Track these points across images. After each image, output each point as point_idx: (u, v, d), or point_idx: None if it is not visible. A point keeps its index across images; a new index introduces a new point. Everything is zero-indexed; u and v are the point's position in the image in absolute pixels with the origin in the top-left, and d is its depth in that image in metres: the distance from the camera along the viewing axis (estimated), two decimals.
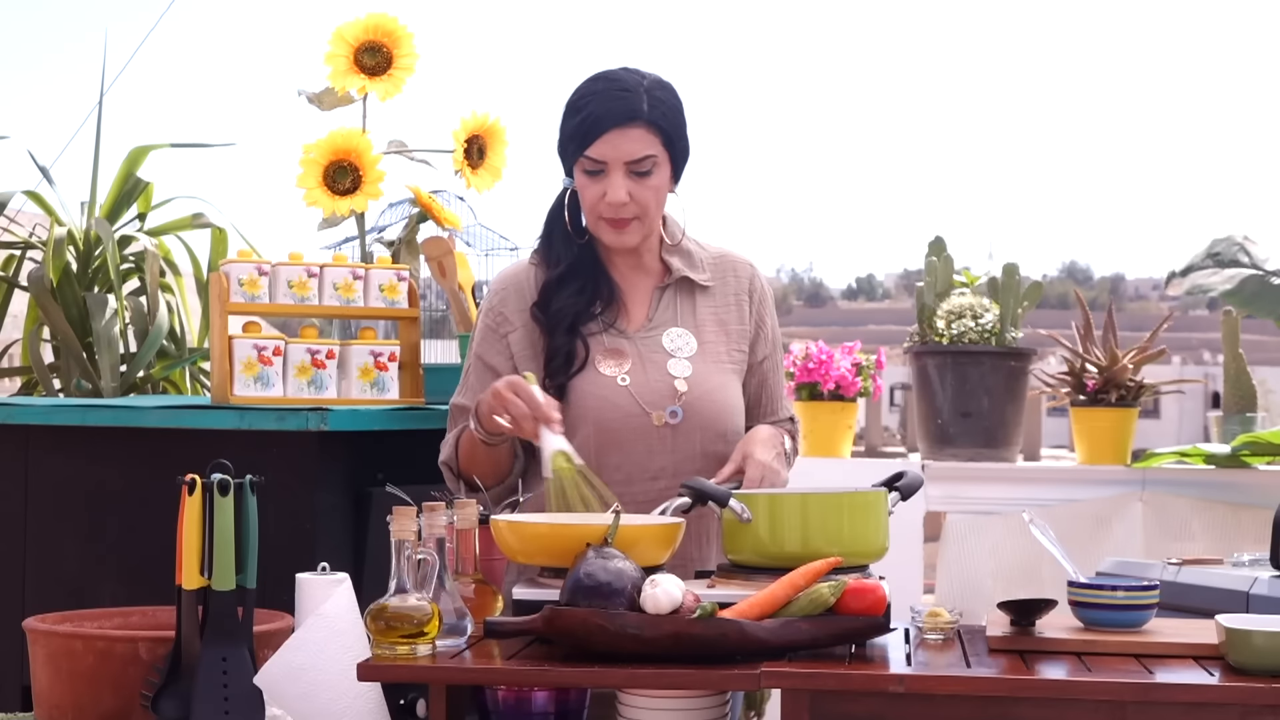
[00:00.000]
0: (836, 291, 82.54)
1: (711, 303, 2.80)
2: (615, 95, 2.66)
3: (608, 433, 2.65)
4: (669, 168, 2.71)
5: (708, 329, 2.77)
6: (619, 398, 2.68)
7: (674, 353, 2.73)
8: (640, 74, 2.71)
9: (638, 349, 2.73)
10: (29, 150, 4.76)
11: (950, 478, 4.62)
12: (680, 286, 2.79)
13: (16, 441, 3.03)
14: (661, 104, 2.68)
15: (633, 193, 2.67)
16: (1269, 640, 2.06)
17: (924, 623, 2.30)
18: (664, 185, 2.71)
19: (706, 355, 2.75)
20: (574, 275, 2.75)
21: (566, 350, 2.71)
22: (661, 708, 2.19)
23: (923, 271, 4.91)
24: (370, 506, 2.85)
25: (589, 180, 2.68)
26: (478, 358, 2.77)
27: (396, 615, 2.14)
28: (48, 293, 4.36)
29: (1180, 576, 3.22)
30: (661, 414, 2.68)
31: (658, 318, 2.77)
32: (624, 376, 2.70)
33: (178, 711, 2.20)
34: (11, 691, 2.96)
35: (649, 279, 2.80)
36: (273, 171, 10.89)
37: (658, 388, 2.70)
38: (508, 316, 2.76)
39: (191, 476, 2.22)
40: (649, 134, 2.66)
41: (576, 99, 2.69)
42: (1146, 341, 4.62)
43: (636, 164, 2.66)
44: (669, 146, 2.69)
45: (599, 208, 2.69)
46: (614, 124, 2.65)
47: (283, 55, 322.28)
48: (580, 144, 2.67)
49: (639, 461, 2.65)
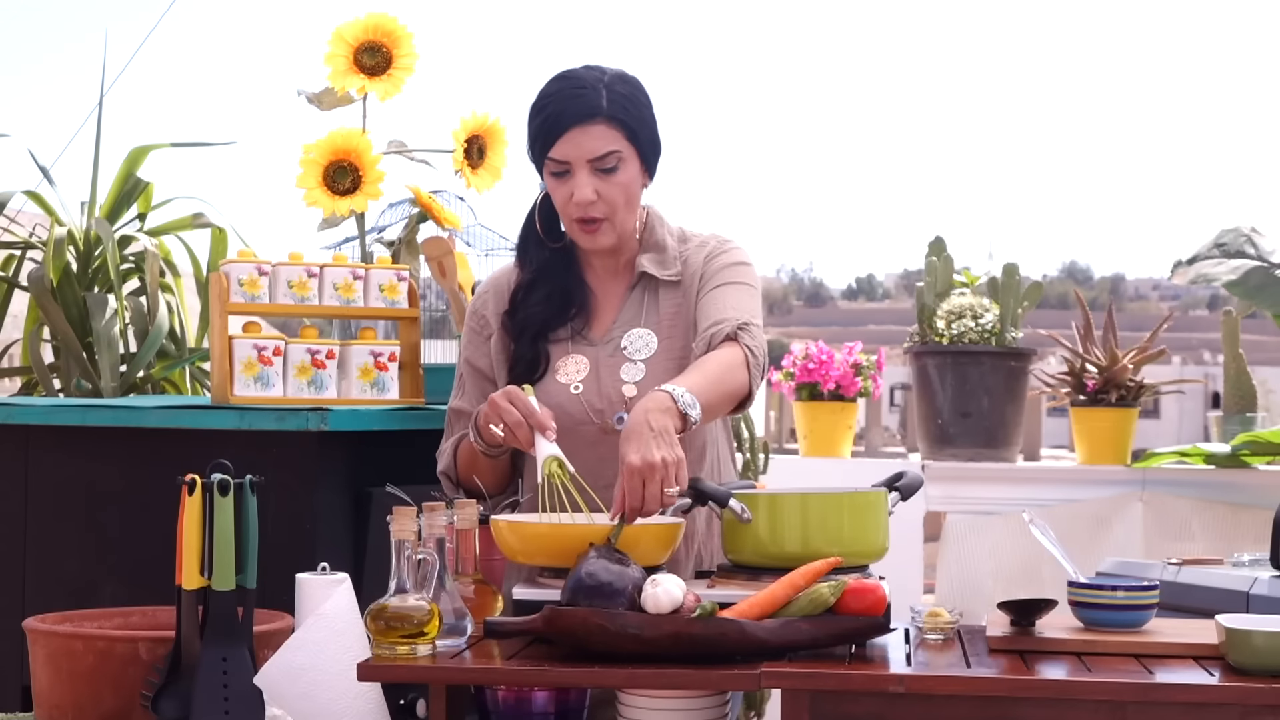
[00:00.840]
0: (836, 291, 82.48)
1: (676, 297, 2.73)
2: (573, 94, 2.63)
3: (561, 440, 2.53)
4: (637, 163, 2.66)
5: (670, 326, 2.71)
6: (571, 405, 2.65)
7: (631, 356, 2.69)
8: (601, 70, 2.67)
9: (598, 355, 2.70)
10: (29, 150, 4.77)
11: (950, 478, 4.62)
12: (647, 285, 2.74)
13: (17, 441, 3.03)
14: (622, 98, 2.64)
15: (600, 190, 2.63)
16: (1269, 640, 2.06)
17: (924, 623, 2.30)
18: (633, 181, 2.66)
19: (665, 354, 2.69)
20: (544, 281, 2.73)
21: (529, 358, 2.70)
22: (662, 708, 2.19)
23: (923, 271, 4.91)
24: (370, 506, 2.85)
25: (557, 182, 2.66)
26: (466, 361, 2.78)
27: (396, 615, 2.14)
28: (48, 293, 4.36)
29: (1180, 576, 3.22)
30: (609, 421, 2.64)
31: (621, 320, 2.73)
32: (578, 384, 2.68)
33: (178, 711, 2.19)
34: (12, 691, 2.96)
35: (623, 281, 2.76)
36: (273, 171, 10.86)
37: (608, 394, 2.66)
38: (487, 319, 2.77)
39: (191, 476, 2.22)
40: (610, 129, 2.62)
41: (538, 101, 2.67)
42: (1146, 341, 4.62)
43: (600, 161, 2.62)
44: (633, 140, 2.65)
45: (569, 209, 2.66)
46: (574, 122, 2.61)
47: (283, 55, 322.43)
48: (544, 145, 2.64)
49: (592, 469, 2.54)
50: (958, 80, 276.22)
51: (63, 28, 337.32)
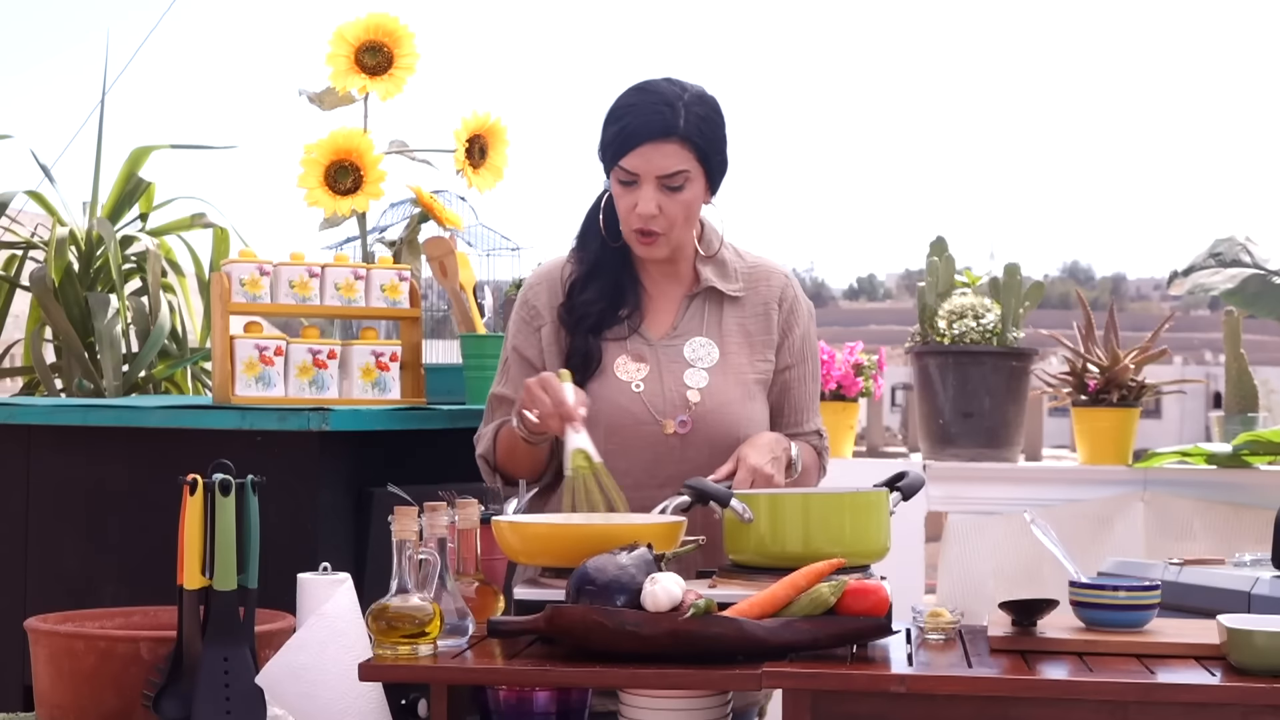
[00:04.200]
0: (838, 291, 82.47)
1: (739, 314, 2.80)
2: (653, 109, 2.66)
3: (618, 437, 2.65)
4: (703, 181, 2.71)
5: (732, 340, 2.77)
6: (632, 404, 2.69)
7: (693, 362, 2.74)
8: (682, 86, 2.70)
9: (658, 356, 2.74)
10: (31, 150, 4.77)
11: (952, 478, 4.62)
12: (709, 296, 2.80)
13: (18, 441, 3.03)
14: (699, 119, 2.68)
15: (663, 206, 2.68)
16: (1270, 640, 2.06)
17: (925, 623, 2.30)
18: (695, 199, 2.71)
19: (727, 367, 2.75)
20: (601, 276, 2.76)
21: (584, 352, 2.73)
22: (663, 708, 2.19)
23: (924, 271, 4.91)
24: (372, 506, 2.85)
25: (623, 190, 2.70)
26: (514, 349, 2.79)
27: (398, 615, 2.14)
28: (50, 293, 4.36)
29: (1182, 576, 3.22)
30: (671, 422, 2.69)
31: (682, 326, 2.77)
32: (639, 383, 2.71)
33: (179, 711, 2.20)
34: (13, 691, 2.96)
35: (679, 287, 2.80)
36: (274, 171, 10.89)
37: (671, 397, 2.71)
38: (539, 310, 2.78)
39: (193, 476, 2.22)
40: (683, 149, 2.66)
41: (616, 108, 2.70)
42: (1148, 341, 4.62)
43: (668, 179, 2.66)
44: (704, 161, 2.69)
45: (629, 218, 2.70)
46: (649, 138, 2.65)
47: (284, 55, 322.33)
48: (615, 154, 2.68)
49: (646, 468, 2.66)
50: (958, 80, 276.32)
51: (64, 28, 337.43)
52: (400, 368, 3.10)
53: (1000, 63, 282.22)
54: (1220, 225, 6.34)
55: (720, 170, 2.75)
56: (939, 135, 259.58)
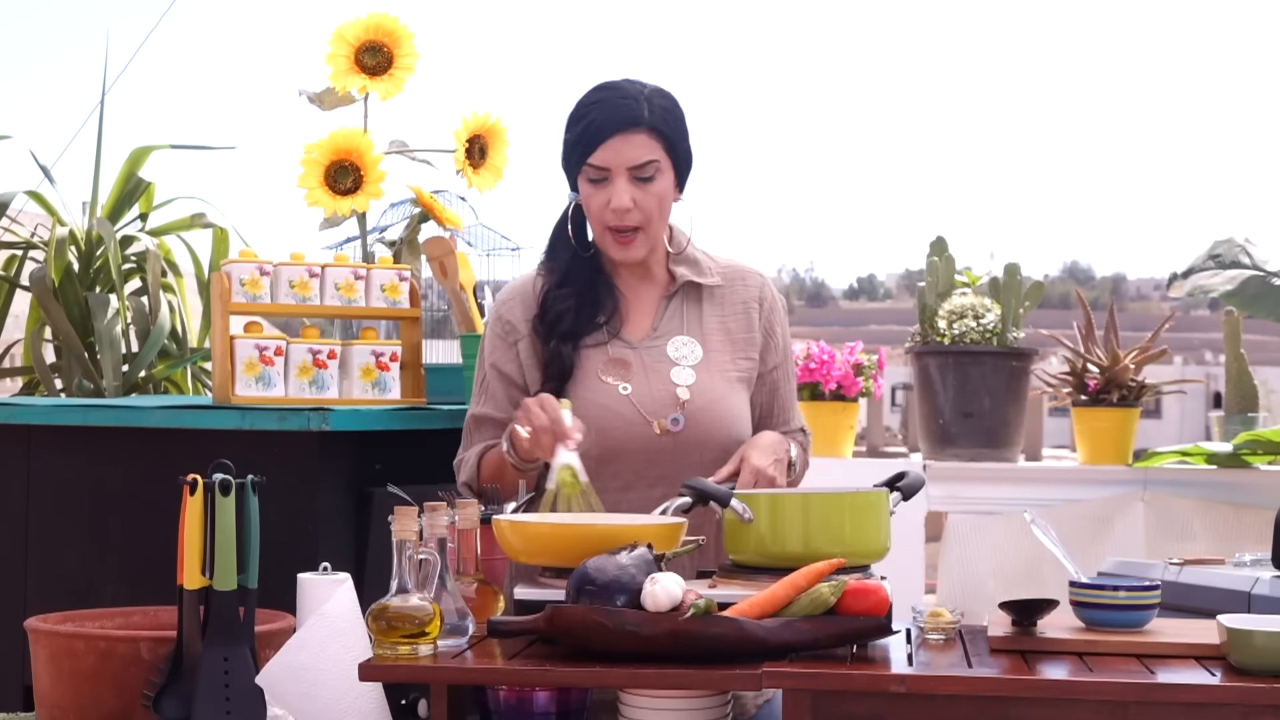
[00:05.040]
0: (838, 291, 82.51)
1: (719, 311, 2.80)
2: (617, 103, 2.68)
3: (609, 441, 2.65)
4: (672, 175, 2.72)
5: (714, 337, 2.78)
6: (621, 406, 2.69)
7: (678, 361, 2.74)
8: (641, 83, 2.74)
9: (642, 358, 2.74)
10: (31, 150, 4.78)
11: (952, 478, 4.63)
12: (687, 294, 2.80)
13: (18, 441, 3.03)
14: (663, 110, 2.70)
15: (636, 199, 2.68)
16: (1270, 640, 2.06)
17: (925, 623, 2.30)
18: (667, 193, 2.72)
19: (711, 364, 2.75)
20: (574, 284, 2.76)
21: (561, 360, 2.71)
22: (663, 708, 2.19)
23: (924, 271, 4.91)
24: (372, 506, 2.85)
25: (593, 189, 2.69)
26: (492, 366, 2.77)
27: (398, 615, 2.14)
28: (49, 293, 4.36)
29: (1182, 576, 3.23)
30: (663, 422, 2.68)
31: (663, 326, 2.77)
32: (625, 385, 2.71)
33: (179, 711, 2.20)
34: (13, 691, 2.96)
35: (655, 288, 2.80)
36: (274, 171, 10.87)
37: (660, 396, 2.70)
38: (514, 324, 2.77)
39: (193, 476, 2.22)
40: (651, 139, 2.68)
41: (579, 109, 2.72)
42: (1148, 341, 4.62)
43: (639, 169, 2.67)
44: (671, 153, 2.71)
45: (604, 216, 2.69)
46: (616, 129, 2.66)
47: (283, 55, 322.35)
48: (584, 151, 2.68)
49: (638, 469, 2.66)
50: (958, 80, 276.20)
51: (64, 28, 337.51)
52: (400, 368, 3.10)
53: (1000, 63, 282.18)
54: (1220, 225, 6.39)
55: (686, 164, 2.76)
56: (939, 135, 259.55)
